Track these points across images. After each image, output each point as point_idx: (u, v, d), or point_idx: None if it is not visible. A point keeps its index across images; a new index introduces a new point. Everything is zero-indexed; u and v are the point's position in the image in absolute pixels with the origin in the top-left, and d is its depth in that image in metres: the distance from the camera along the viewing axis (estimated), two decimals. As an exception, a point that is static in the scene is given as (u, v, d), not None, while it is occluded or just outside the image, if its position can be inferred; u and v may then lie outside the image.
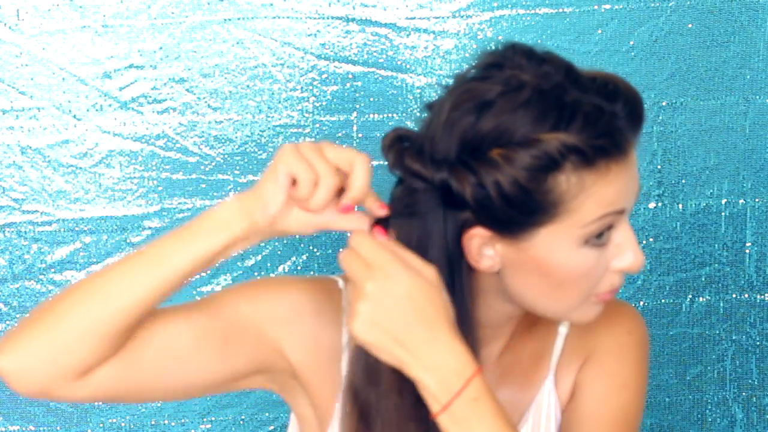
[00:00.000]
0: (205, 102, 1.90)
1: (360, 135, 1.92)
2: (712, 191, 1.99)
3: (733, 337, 2.05)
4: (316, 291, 1.24)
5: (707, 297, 2.03)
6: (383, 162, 1.14)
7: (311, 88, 1.90)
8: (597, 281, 1.15)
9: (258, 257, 1.95)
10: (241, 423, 2.00)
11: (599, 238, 1.12)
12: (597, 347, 1.27)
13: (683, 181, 1.98)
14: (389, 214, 1.13)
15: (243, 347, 1.21)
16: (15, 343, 1.11)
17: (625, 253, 1.14)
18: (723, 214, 2.00)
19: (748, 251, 2.01)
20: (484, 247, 1.13)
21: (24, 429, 1.97)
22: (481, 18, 1.90)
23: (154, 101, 1.89)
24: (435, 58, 1.91)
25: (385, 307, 1.09)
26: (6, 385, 1.13)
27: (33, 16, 1.85)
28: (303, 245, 1.95)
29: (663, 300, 2.02)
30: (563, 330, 1.29)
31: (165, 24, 1.87)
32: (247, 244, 1.12)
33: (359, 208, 1.13)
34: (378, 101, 1.91)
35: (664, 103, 1.95)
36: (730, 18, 1.93)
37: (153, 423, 1.99)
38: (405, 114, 1.92)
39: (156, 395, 1.19)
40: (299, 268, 1.96)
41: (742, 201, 1.99)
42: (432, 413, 1.11)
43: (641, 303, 2.02)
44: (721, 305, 2.03)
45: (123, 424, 1.98)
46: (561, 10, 1.90)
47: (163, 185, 1.92)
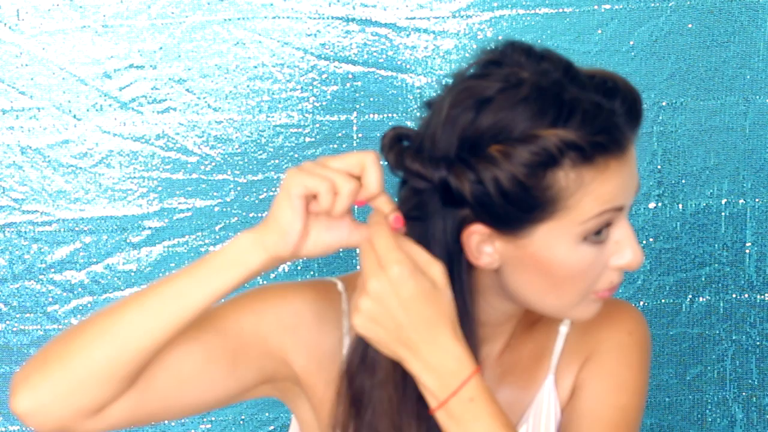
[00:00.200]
0: (205, 102, 1.90)
1: (360, 135, 1.92)
2: (712, 191, 1.99)
3: (733, 337, 2.05)
4: (316, 296, 1.24)
5: (707, 297, 2.03)
6: (383, 162, 1.14)
7: (311, 88, 1.90)
8: (596, 278, 1.15)
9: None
10: (241, 423, 2.00)
11: (598, 235, 1.12)
12: (598, 347, 1.27)
13: (683, 181, 1.98)
14: (404, 225, 1.13)
15: (251, 361, 1.21)
16: (30, 385, 1.10)
17: (624, 251, 1.14)
18: (723, 214, 2.00)
19: (748, 251, 2.01)
20: (483, 245, 1.13)
21: (24, 429, 1.97)
22: (481, 18, 1.90)
23: (154, 101, 1.89)
24: (435, 58, 1.91)
25: (387, 308, 1.09)
26: (5, 385, 1.13)
27: (33, 16, 1.85)
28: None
29: (663, 300, 2.02)
30: (564, 329, 1.29)
31: (165, 24, 1.87)
32: (264, 272, 1.12)
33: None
34: (378, 101, 1.91)
35: (664, 103, 1.95)
36: (730, 18, 1.93)
37: (153, 423, 1.98)
38: (405, 114, 1.92)
39: (169, 416, 1.20)
40: (299, 267, 1.96)
41: (742, 201, 1.99)
42: (430, 409, 1.12)
43: (641, 303, 2.01)
44: (721, 305, 2.03)
45: (123, 424, 1.98)
46: (561, 10, 1.90)
47: (163, 185, 1.92)
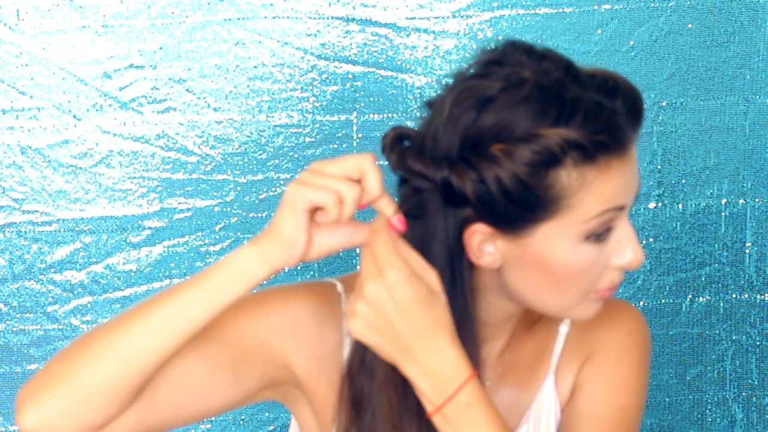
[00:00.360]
0: (205, 102, 1.89)
1: (360, 135, 1.92)
2: (712, 191, 1.99)
3: (733, 337, 2.05)
4: (316, 299, 1.24)
5: (707, 297, 2.03)
6: (383, 162, 1.14)
7: (311, 88, 1.90)
8: (597, 278, 1.15)
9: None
10: (241, 423, 2.00)
11: (599, 234, 1.12)
12: (598, 347, 1.27)
13: (683, 181, 1.98)
14: (404, 226, 1.12)
15: (253, 368, 1.21)
16: (36, 402, 1.09)
17: (625, 250, 1.14)
18: (723, 214, 2.00)
19: (748, 251, 2.01)
20: (484, 244, 1.13)
21: (24, 429, 1.97)
22: (481, 18, 1.90)
23: (154, 101, 1.89)
24: (435, 58, 1.91)
25: (383, 312, 1.10)
26: (5, 385, 1.13)
27: (33, 16, 1.85)
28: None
29: (663, 300, 2.02)
30: (564, 329, 1.29)
31: (165, 24, 1.87)
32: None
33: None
34: (378, 101, 1.91)
35: (664, 103, 1.95)
36: (730, 18, 1.93)
37: None
38: (405, 114, 1.92)
39: (173, 425, 1.19)
40: (299, 267, 1.96)
41: (742, 201, 1.99)
42: (426, 413, 1.13)
43: (641, 303, 2.01)
44: (721, 305, 2.03)
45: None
46: (561, 10, 1.90)
47: (163, 185, 1.92)
